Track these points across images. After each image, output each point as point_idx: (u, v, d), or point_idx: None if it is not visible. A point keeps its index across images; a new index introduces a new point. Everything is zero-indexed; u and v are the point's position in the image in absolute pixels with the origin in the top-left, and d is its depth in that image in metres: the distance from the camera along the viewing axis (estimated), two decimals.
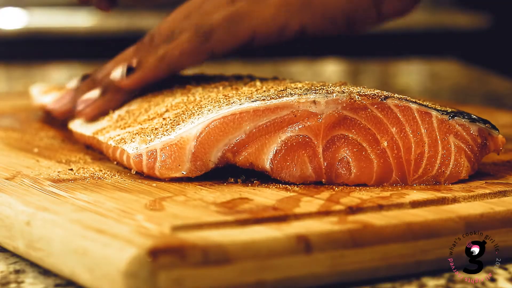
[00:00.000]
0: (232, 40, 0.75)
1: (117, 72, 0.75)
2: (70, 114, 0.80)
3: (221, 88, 0.71)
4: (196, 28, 0.75)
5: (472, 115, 0.63)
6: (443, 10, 2.97)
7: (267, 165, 0.60)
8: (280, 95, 0.60)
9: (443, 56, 2.19)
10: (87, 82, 0.80)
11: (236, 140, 0.60)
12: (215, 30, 0.75)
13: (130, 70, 0.74)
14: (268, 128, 0.60)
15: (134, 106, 0.74)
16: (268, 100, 0.60)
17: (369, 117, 0.60)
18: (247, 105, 0.60)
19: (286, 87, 0.65)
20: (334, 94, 0.60)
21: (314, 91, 0.60)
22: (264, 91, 0.64)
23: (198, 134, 0.60)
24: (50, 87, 0.97)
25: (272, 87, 0.66)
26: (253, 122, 0.60)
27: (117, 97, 0.76)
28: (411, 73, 1.96)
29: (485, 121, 0.63)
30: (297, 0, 0.77)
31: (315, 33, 0.78)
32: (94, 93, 0.77)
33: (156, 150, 0.61)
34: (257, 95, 0.62)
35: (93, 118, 0.76)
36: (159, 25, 0.78)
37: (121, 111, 0.74)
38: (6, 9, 2.55)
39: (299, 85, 0.67)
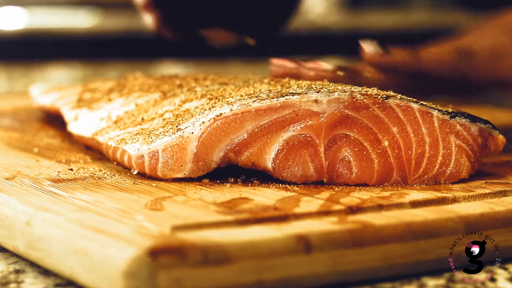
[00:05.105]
0: (489, 72, 0.73)
1: (371, 48, 0.74)
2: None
3: (221, 88, 0.71)
4: (458, 46, 0.74)
5: (473, 115, 0.63)
6: (443, 10, 2.97)
7: (269, 165, 0.60)
8: (282, 95, 0.60)
9: None
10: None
11: (238, 140, 0.60)
12: (475, 54, 0.73)
13: (384, 52, 0.74)
14: (270, 127, 0.60)
15: (132, 106, 0.74)
16: (270, 99, 0.60)
17: (370, 116, 0.60)
18: (249, 105, 0.60)
19: (288, 86, 0.65)
20: (336, 93, 0.60)
21: (316, 90, 0.60)
22: (267, 90, 0.64)
23: (200, 134, 0.60)
24: (50, 87, 0.97)
25: (275, 87, 0.66)
26: (255, 122, 0.60)
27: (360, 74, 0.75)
28: None
29: (485, 121, 0.63)
30: None
31: None
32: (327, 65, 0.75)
33: (157, 151, 0.61)
34: (259, 95, 0.62)
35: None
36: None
37: (119, 112, 0.74)
38: (6, 9, 2.55)
39: (299, 84, 0.67)
